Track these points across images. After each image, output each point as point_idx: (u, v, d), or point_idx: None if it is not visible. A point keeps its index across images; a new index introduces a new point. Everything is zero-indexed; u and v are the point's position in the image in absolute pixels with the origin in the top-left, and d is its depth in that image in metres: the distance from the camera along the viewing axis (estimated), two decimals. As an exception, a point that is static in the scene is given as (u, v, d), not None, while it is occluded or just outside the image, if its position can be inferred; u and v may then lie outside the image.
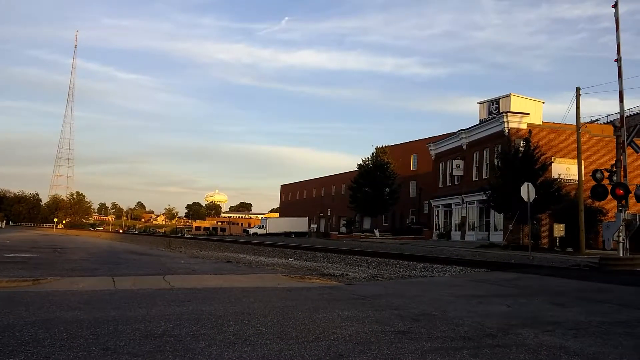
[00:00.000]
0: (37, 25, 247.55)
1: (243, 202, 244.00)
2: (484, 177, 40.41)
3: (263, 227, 78.76)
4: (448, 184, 47.32)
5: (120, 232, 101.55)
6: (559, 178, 34.34)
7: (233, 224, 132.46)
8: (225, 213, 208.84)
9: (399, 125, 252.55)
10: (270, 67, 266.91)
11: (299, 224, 77.94)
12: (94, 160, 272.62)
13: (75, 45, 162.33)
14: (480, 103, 43.58)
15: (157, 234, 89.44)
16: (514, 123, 37.69)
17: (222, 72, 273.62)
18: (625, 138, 20.26)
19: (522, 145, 32.85)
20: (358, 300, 7.87)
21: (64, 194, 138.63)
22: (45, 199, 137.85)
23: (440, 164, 49.44)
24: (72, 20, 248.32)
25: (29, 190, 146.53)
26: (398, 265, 16.25)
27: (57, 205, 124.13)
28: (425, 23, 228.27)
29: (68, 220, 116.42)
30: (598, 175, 18.82)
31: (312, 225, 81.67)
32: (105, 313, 6.12)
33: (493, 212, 37.51)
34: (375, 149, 62.47)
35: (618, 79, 20.18)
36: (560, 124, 35.69)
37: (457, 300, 8.13)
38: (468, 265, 15.95)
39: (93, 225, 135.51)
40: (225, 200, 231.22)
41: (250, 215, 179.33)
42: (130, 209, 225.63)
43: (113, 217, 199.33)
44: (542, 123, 38.80)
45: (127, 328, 5.30)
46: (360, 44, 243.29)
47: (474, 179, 42.46)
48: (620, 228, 18.29)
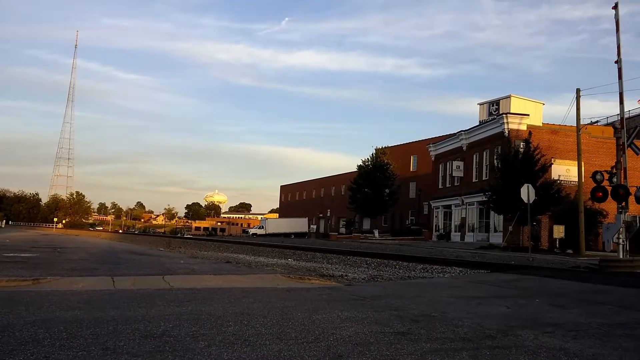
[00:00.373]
0: (37, 25, 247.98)
1: (243, 202, 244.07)
2: (484, 178, 40.41)
3: (262, 227, 78.78)
4: (448, 185, 47.32)
5: (120, 232, 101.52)
6: (559, 179, 34.35)
7: (233, 225, 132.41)
8: (225, 213, 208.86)
9: (399, 126, 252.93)
10: (271, 67, 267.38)
11: (299, 225, 77.95)
12: (94, 160, 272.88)
13: (76, 45, 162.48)
14: (480, 104, 43.60)
15: (156, 234, 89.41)
16: (514, 124, 37.70)
17: (222, 72, 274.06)
18: (626, 140, 20.26)
19: (522, 147, 32.87)
20: (357, 301, 7.87)
21: (64, 194, 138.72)
22: (45, 199, 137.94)
23: (440, 165, 49.44)
24: (72, 20, 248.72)
25: (29, 190, 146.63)
26: (397, 266, 16.25)
27: (56, 205, 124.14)
28: (425, 23, 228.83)
29: (68, 220, 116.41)
30: (598, 177, 18.81)
31: (311, 226, 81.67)
32: (105, 313, 6.12)
33: (493, 213, 37.51)
34: (375, 150, 62.49)
35: (618, 81, 20.18)
36: (560, 126, 35.70)
37: (456, 302, 8.13)
38: (468, 267, 15.94)
39: (93, 225, 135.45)
40: (225, 201, 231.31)
41: (250, 216, 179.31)
42: (130, 209, 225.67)
43: (113, 217, 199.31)
44: (542, 124, 38.81)
45: (126, 328, 5.30)
46: (360, 45, 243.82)
47: (474, 180, 42.46)
48: (620, 230, 18.29)
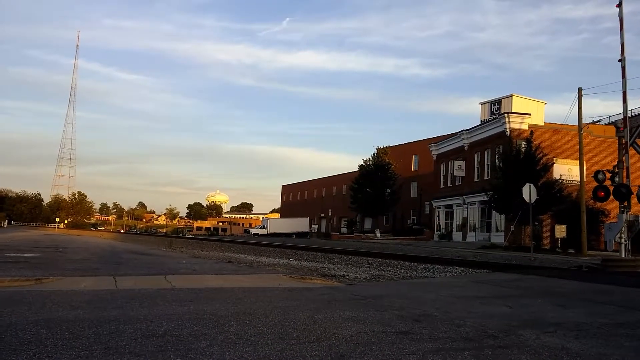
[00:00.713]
0: (38, 26, 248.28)
1: (244, 202, 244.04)
2: (486, 177, 40.36)
3: (264, 227, 78.80)
4: (449, 185, 47.26)
5: (122, 232, 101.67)
6: (561, 179, 34.27)
7: (234, 224, 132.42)
8: (227, 213, 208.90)
9: (400, 126, 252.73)
10: (271, 67, 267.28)
11: (300, 225, 77.97)
12: (96, 161, 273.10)
13: (77, 46, 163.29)
14: (482, 104, 43.52)
15: (158, 234, 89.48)
16: (516, 124, 37.64)
17: (223, 72, 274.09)
18: (629, 139, 20.17)
19: (523, 146, 32.82)
20: (359, 301, 7.87)
21: (66, 194, 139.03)
22: (47, 199, 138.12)
23: (442, 165, 49.38)
24: (73, 21, 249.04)
25: (31, 190, 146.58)
26: (399, 266, 16.25)
27: (58, 205, 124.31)
28: (426, 24, 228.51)
29: (70, 220, 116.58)
30: (600, 176, 18.78)
31: (313, 226, 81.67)
32: (107, 313, 6.13)
33: (494, 213, 37.46)
34: (376, 150, 62.47)
35: (622, 80, 20.03)
36: (562, 125, 35.62)
37: (458, 301, 8.12)
38: (469, 266, 15.94)
39: (94, 225, 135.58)
40: (227, 201, 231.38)
41: (252, 216, 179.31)
42: (132, 209, 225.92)
43: (114, 217, 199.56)
44: (543, 124, 38.73)
45: (128, 328, 5.31)
46: (361, 45, 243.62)
47: (476, 180, 42.41)
48: (622, 229, 18.26)
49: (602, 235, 28.38)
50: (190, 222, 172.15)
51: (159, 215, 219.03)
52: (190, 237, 65.33)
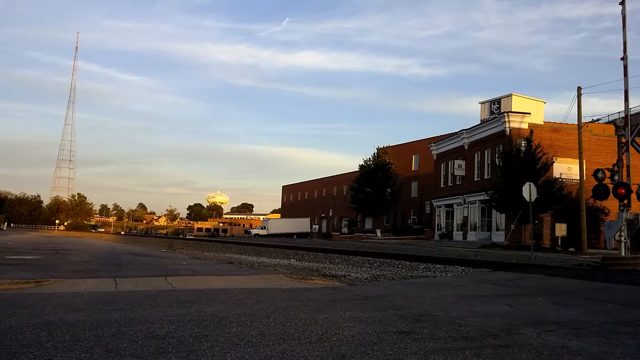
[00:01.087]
0: (38, 27, 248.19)
1: (244, 203, 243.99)
2: (486, 177, 40.37)
3: (265, 228, 78.78)
4: (450, 184, 47.27)
5: (122, 233, 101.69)
6: (561, 178, 34.29)
7: (235, 225, 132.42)
8: (227, 214, 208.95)
9: (400, 126, 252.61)
10: (271, 67, 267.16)
11: (301, 225, 77.95)
12: (96, 162, 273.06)
13: (76, 47, 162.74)
14: (482, 103, 43.52)
15: (158, 235, 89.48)
16: (515, 123, 37.64)
17: (223, 72, 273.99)
18: (629, 137, 20.08)
19: (523, 145, 32.84)
20: (360, 301, 7.87)
21: (66, 196, 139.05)
22: (47, 201, 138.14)
23: (442, 164, 49.39)
24: (73, 22, 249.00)
25: (31, 192, 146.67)
26: (400, 266, 16.25)
27: (58, 207, 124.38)
28: (426, 23, 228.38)
29: (69, 222, 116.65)
30: (599, 175, 18.76)
31: (313, 226, 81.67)
32: (108, 315, 6.13)
33: (495, 212, 37.47)
34: (377, 150, 62.47)
35: (624, 78, 19.85)
36: (562, 124, 35.63)
37: (459, 301, 8.12)
38: (470, 266, 15.94)
39: (94, 227, 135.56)
40: (227, 201, 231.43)
41: (252, 216, 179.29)
42: (132, 211, 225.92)
43: (114, 218, 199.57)
44: (543, 123, 38.74)
45: (129, 329, 5.31)
46: (361, 45, 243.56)
47: (476, 179, 42.41)
48: (622, 228, 18.25)
49: (602, 234, 28.39)
50: (191, 223, 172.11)
51: (159, 217, 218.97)
52: (191, 238, 65.35)
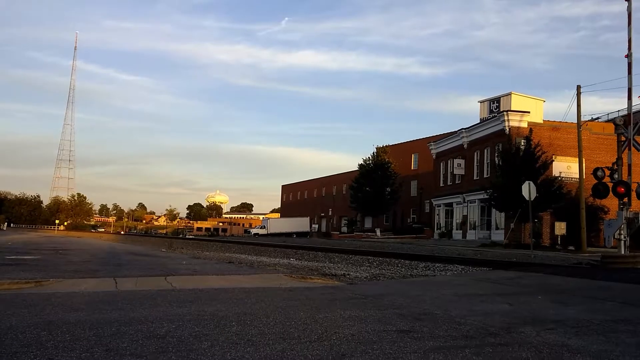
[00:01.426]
0: (38, 27, 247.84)
1: (244, 202, 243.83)
2: (485, 176, 40.38)
3: (264, 227, 78.79)
4: (449, 183, 47.29)
5: (122, 233, 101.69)
6: (560, 176, 34.32)
7: (234, 225, 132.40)
8: (227, 213, 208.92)
9: (400, 125, 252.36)
10: (271, 67, 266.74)
11: (300, 224, 77.96)
12: (95, 162, 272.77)
13: (75, 47, 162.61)
14: (481, 102, 43.53)
15: (158, 235, 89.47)
16: (515, 122, 37.66)
17: (222, 72, 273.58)
18: (632, 136, 20.01)
19: (522, 144, 32.85)
20: (360, 300, 7.88)
21: (65, 196, 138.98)
22: (47, 201, 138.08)
23: (441, 163, 49.40)
24: (73, 22, 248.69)
25: (30, 192, 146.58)
26: (400, 265, 16.26)
27: (58, 207, 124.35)
28: (426, 22, 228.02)
29: (69, 222, 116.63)
30: (599, 173, 18.76)
31: (313, 226, 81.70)
32: (108, 314, 6.13)
33: (494, 210, 37.49)
34: (376, 149, 62.45)
35: (627, 75, 19.69)
36: (561, 122, 35.66)
37: (459, 299, 8.13)
38: (470, 264, 15.96)
39: (94, 227, 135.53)
40: (227, 201, 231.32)
41: (252, 216, 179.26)
42: (132, 210, 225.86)
43: (114, 218, 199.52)
44: (542, 121, 38.76)
45: (129, 329, 5.31)
46: (361, 44, 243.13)
47: (475, 178, 42.42)
48: (622, 226, 18.27)
49: (601, 232, 28.41)
50: (191, 222, 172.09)
51: (159, 216, 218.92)
52: (191, 237, 65.35)
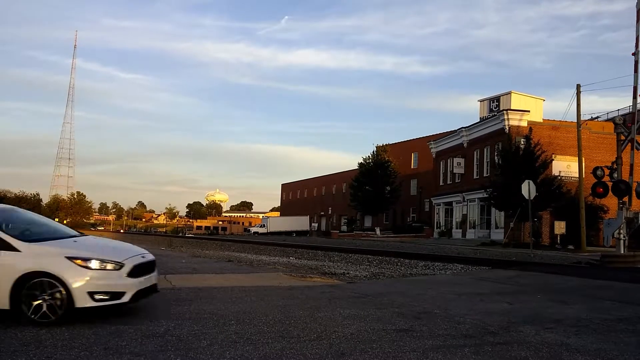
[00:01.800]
0: (37, 26, 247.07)
1: (244, 201, 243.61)
2: (485, 175, 40.38)
3: (264, 226, 78.78)
4: (449, 182, 47.29)
5: (121, 231, 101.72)
6: (560, 175, 34.30)
7: (234, 223, 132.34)
8: (226, 212, 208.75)
9: (400, 124, 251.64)
10: (271, 66, 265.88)
11: (300, 223, 77.95)
12: (95, 160, 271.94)
13: (75, 45, 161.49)
14: (481, 101, 43.50)
15: (158, 234, 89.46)
16: (515, 121, 37.64)
17: (222, 71, 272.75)
18: (634, 135, 19.91)
19: (522, 143, 32.81)
20: (359, 299, 7.88)
21: (65, 194, 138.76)
22: (46, 199, 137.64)
23: (441, 162, 49.39)
24: (72, 21, 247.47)
25: (30, 191, 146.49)
26: (399, 264, 16.27)
27: (57, 206, 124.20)
28: (425, 21, 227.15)
29: (69, 220, 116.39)
30: (599, 173, 18.76)
31: (313, 224, 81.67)
32: (107, 313, 6.12)
33: (494, 209, 37.48)
34: (376, 148, 62.41)
35: (634, 74, 19.42)
36: (561, 122, 35.62)
37: (458, 298, 8.13)
38: (469, 263, 15.97)
39: (94, 225, 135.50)
40: (226, 200, 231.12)
41: (251, 215, 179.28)
42: (131, 209, 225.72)
43: (114, 216, 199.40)
44: (542, 120, 38.72)
45: (128, 328, 5.31)
46: (360, 43, 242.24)
47: (475, 177, 42.41)
48: (622, 225, 18.28)
49: (601, 232, 28.40)
50: (190, 221, 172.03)
51: (159, 215, 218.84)
52: (190, 236, 65.35)
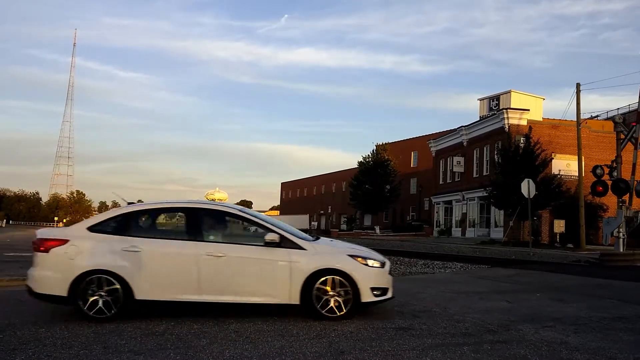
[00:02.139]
0: (36, 24, 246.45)
1: (243, 199, 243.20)
2: (485, 173, 40.37)
3: (263, 224, 78.81)
4: (448, 181, 47.29)
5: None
6: (560, 174, 34.26)
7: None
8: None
9: (400, 123, 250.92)
10: (270, 65, 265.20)
11: (300, 222, 77.84)
12: (94, 159, 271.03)
13: (74, 44, 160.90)
14: (481, 100, 43.50)
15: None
16: (514, 119, 37.62)
17: (221, 70, 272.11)
18: (638, 134, 19.87)
19: (522, 142, 32.78)
20: (359, 297, 7.86)
21: (64, 193, 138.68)
22: (46, 198, 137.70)
23: (441, 161, 49.39)
24: (71, 19, 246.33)
25: (29, 189, 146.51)
26: (399, 262, 16.27)
27: (57, 204, 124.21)
28: (425, 20, 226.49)
29: (68, 219, 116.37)
30: (598, 171, 18.79)
31: (312, 223, 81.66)
32: (106, 311, 6.11)
33: (493, 208, 37.46)
34: (376, 146, 62.34)
35: (640, 73, 19.57)
36: (561, 120, 35.63)
37: (457, 297, 8.14)
38: (468, 262, 15.98)
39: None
40: (226, 198, 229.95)
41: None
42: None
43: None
44: (542, 119, 38.69)
45: (127, 326, 5.31)
46: (360, 42, 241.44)
47: (475, 176, 42.41)
48: (621, 224, 18.30)
49: (600, 230, 28.44)
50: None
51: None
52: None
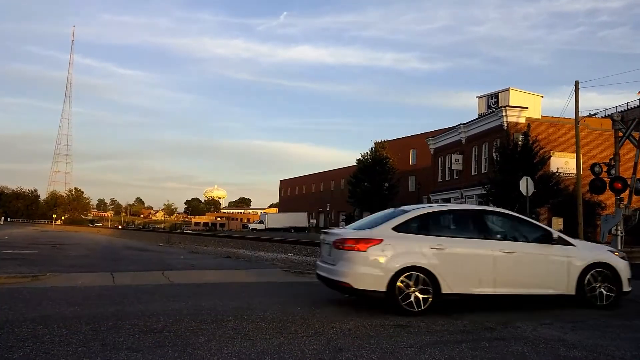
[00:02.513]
0: (35, 22, 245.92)
1: (242, 197, 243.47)
2: (483, 171, 40.42)
3: (262, 222, 78.86)
4: (447, 179, 47.35)
5: (119, 228, 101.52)
6: (558, 172, 34.35)
7: (232, 220, 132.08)
8: (225, 208, 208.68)
9: (398, 120, 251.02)
10: (269, 62, 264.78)
11: (298, 219, 77.99)
12: (93, 157, 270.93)
13: (72, 41, 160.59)
14: (479, 97, 43.53)
15: (156, 230, 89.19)
16: (513, 117, 37.67)
17: (220, 67, 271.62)
18: (626, 131, 19.97)
19: (520, 140, 32.82)
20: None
21: (63, 190, 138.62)
22: (44, 195, 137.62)
23: (439, 159, 49.44)
24: (70, 16, 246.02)
25: (27, 187, 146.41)
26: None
27: (55, 202, 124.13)
28: (424, 17, 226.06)
29: (67, 217, 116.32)
30: (596, 169, 18.80)
31: (311, 220, 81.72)
32: (104, 309, 6.12)
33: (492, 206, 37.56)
34: (374, 144, 62.37)
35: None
36: (559, 118, 35.69)
37: (456, 294, 8.13)
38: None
39: (92, 222, 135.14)
40: (225, 196, 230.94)
41: (250, 211, 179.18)
42: (129, 205, 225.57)
43: (112, 213, 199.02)
44: (540, 117, 38.76)
45: (126, 324, 5.31)
46: (359, 39, 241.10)
47: (473, 174, 42.47)
48: (619, 222, 18.34)
49: (598, 228, 28.49)
50: (188, 217, 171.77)
51: (157, 211, 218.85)
52: (188, 232, 65.24)
